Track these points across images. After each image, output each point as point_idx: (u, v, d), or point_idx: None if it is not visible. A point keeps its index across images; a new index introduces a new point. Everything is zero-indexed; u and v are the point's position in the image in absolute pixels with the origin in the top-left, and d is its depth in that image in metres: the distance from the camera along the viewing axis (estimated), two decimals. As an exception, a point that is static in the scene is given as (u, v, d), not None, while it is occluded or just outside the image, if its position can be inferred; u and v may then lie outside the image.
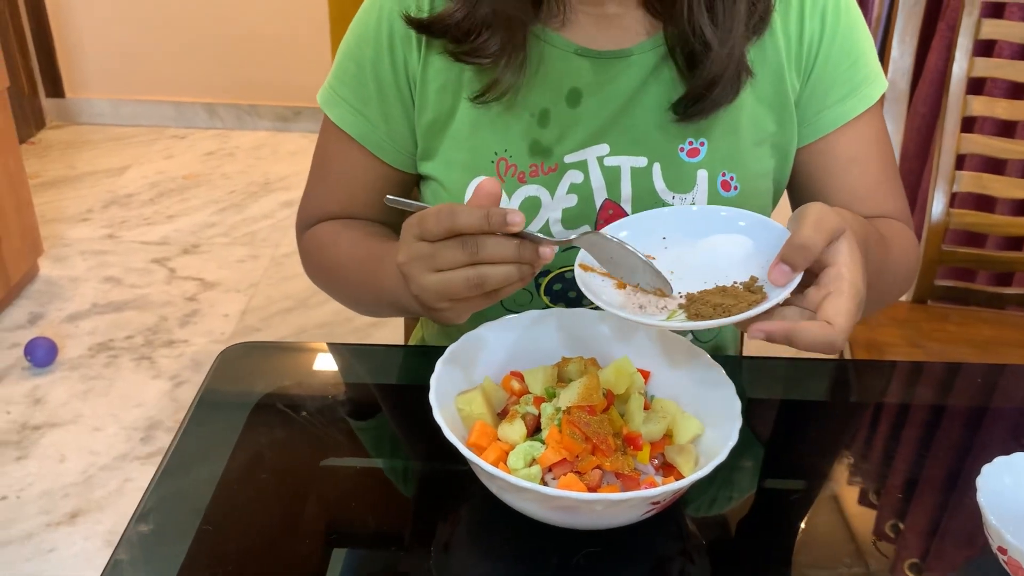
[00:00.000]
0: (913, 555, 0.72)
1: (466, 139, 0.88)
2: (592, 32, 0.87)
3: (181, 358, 2.26)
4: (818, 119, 0.91)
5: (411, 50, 0.88)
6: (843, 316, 0.65)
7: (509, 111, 0.87)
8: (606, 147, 0.88)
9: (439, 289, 0.69)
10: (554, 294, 0.92)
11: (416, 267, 0.70)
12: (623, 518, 0.67)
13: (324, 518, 0.74)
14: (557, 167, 0.87)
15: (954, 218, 1.53)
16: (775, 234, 0.71)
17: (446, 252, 0.67)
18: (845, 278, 0.66)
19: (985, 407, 0.90)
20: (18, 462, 1.92)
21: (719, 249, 0.74)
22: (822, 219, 0.67)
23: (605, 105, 0.87)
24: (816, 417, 0.89)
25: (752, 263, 0.72)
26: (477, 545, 0.72)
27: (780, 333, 0.66)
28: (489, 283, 0.67)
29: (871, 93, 0.91)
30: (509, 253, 0.67)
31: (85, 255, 2.69)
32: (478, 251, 0.67)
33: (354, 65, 0.90)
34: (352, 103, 0.91)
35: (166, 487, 0.75)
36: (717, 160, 0.88)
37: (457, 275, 0.68)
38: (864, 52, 0.91)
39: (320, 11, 3.17)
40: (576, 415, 0.69)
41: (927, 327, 1.50)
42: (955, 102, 1.49)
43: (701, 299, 0.70)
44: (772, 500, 0.77)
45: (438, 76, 0.88)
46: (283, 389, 0.89)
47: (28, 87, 3.38)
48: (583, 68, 0.87)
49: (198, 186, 3.12)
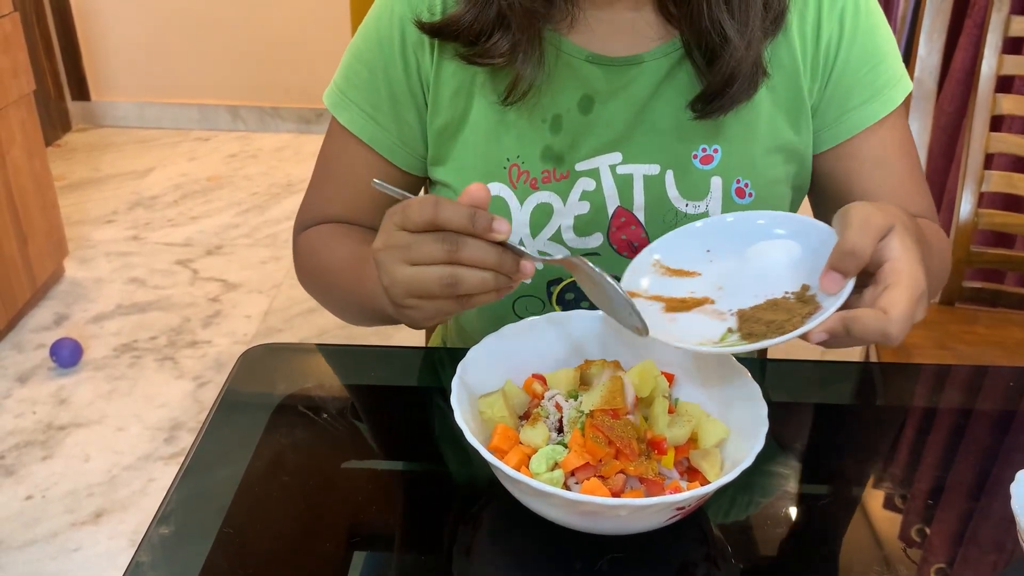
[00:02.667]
0: (941, 561, 0.71)
1: (478, 145, 0.87)
2: (603, 38, 0.86)
3: (204, 359, 2.27)
4: (839, 123, 0.89)
5: (424, 54, 0.87)
6: (899, 306, 0.63)
7: (522, 117, 0.86)
8: (619, 155, 0.87)
9: (410, 283, 0.67)
10: (566, 303, 0.91)
11: (390, 256, 0.67)
12: (647, 523, 0.67)
13: (345, 521, 0.73)
14: (569, 174, 0.87)
15: (983, 218, 1.50)
16: (822, 235, 0.69)
17: (424, 245, 0.65)
18: (902, 271, 0.65)
19: (1015, 411, 0.88)
20: (43, 462, 1.94)
21: (767, 257, 0.72)
22: (868, 219, 0.65)
23: (618, 113, 0.86)
24: (843, 421, 0.88)
25: (801, 269, 0.70)
26: (499, 549, 0.71)
27: (839, 324, 0.64)
28: (463, 286, 0.65)
29: (894, 96, 0.89)
30: (489, 259, 0.64)
31: (110, 256, 2.72)
32: (457, 250, 0.64)
33: (365, 69, 0.90)
34: (363, 107, 0.91)
35: (187, 489, 0.75)
36: (731, 167, 0.87)
37: (431, 271, 0.65)
38: (887, 54, 0.89)
39: (342, 14, 3.18)
40: (599, 418, 0.68)
41: (955, 329, 1.48)
42: (984, 100, 1.47)
43: (753, 316, 0.68)
44: (798, 505, 0.76)
45: (451, 80, 0.87)
46: (304, 391, 0.88)
47: (54, 90, 3.42)
48: (595, 75, 0.86)
49: (221, 188, 3.14)
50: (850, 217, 0.66)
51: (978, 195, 1.49)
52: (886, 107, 0.89)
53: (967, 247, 1.51)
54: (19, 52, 2.25)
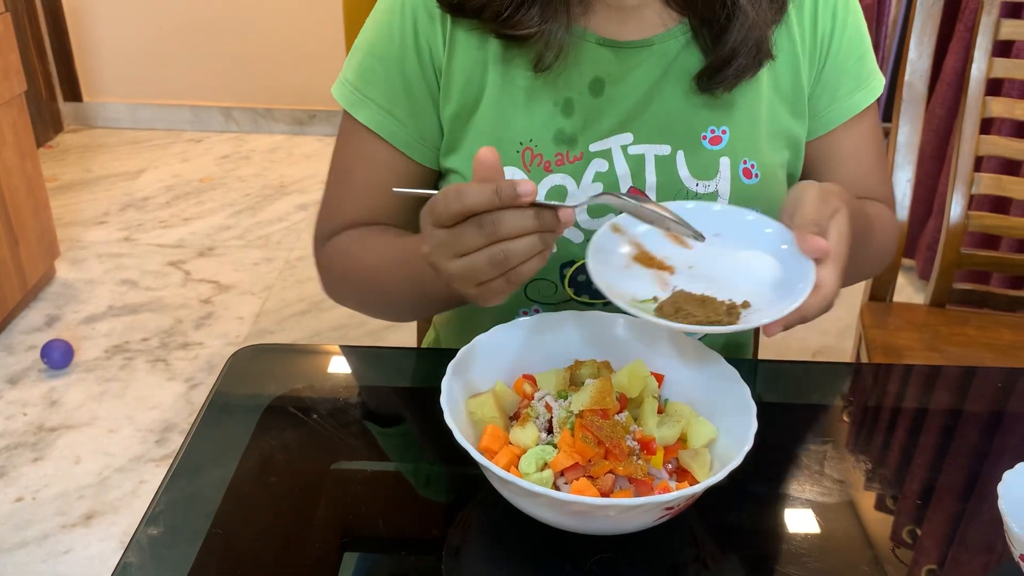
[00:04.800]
0: (931, 562, 0.71)
1: (491, 130, 0.88)
2: (613, 23, 0.87)
3: (196, 360, 2.27)
4: (829, 112, 0.93)
5: (436, 41, 0.87)
6: (832, 283, 0.70)
7: (534, 100, 0.86)
8: (630, 136, 0.88)
9: (465, 274, 0.67)
10: (578, 285, 0.91)
11: (439, 255, 0.68)
12: (636, 523, 0.67)
13: (335, 521, 0.73)
14: (582, 156, 0.87)
15: (973, 221, 1.51)
16: (803, 268, 0.71)
17: (465, 236, 0.66)
18: (836, 251, 0.71)
19: (1004, 412, 0.88)
20: (34, 463, 1.93)
21: (750, 264, 0.74)
22: (825, 198, 0.73)
23: (628, 94, 0.87)
24: (833, 421, 0.88)
25: (763, 291, 0.72)
26: (488, 549, 0.71)
27: (794, 318, 0.69)
28: (513, 258, 0.66)
29: (876, 86, 0.95)
30: (528, 224, 0.65)
31: (101, 258, 2.71)
32: (496, 229, 0.65)
33: (380, 64, 0.89)
34: (380, 103, 0.90)
35: (176, 490, 0.75)
36: (739, 148, 0.89)
37: (480, 256, 0.66)
38: (868, 46, 0.95)
39: (335, 15, 3.18)
40: (589, 419, 0.68)
41: (946, 331, 1.49)
42: (973, 103, 1.47)
43: (681, 299, 0.71)
44: (787, 505, 0.76)
45: (463, 66, 0.87)
46: (295, 392, 0.88)
47: (46, 91, 3.41)
48: (605, 58, 0.87)
49: (214, 189, 3.13)
50: (808, 194, 0.73)
51: (968, 198, 1.50)
52: (870, 96, 0.95)
53: (957, 249, 1.51)
54: (10, 53, 2.25)
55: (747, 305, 0.71)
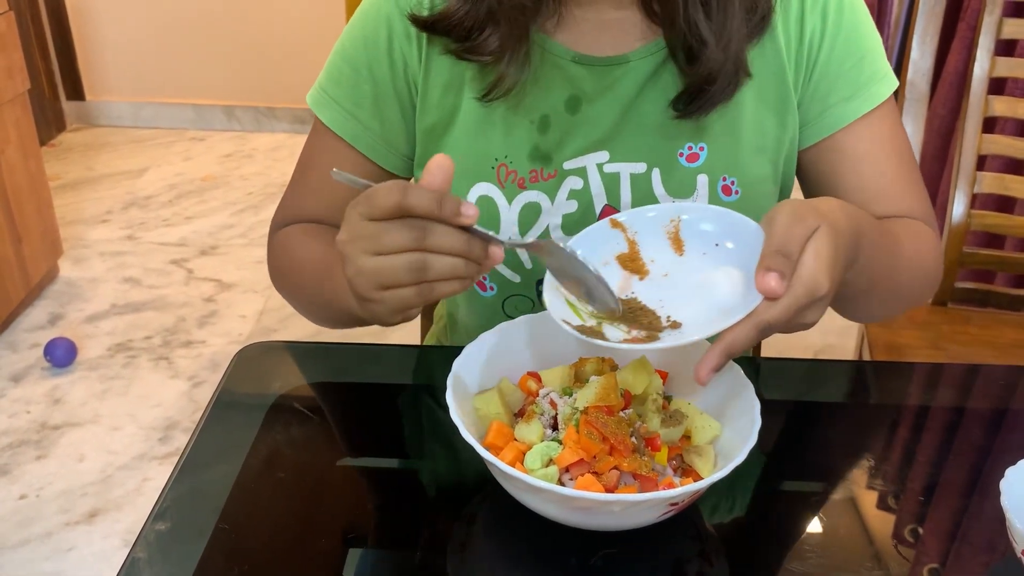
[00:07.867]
0: (933, 560, 0.71)
1: (466, 144, 0.88)
2: (589, 37, 0.86)
3: (199, 358, 2.27)
4: (822, 118, 0.89)
5: (412, 52, 0.87)
6: (773, 311, 0.63)
7: (510, 117, 0.86)
8: (606, 154, 0.87)
9: (376, 272, 0.65)
10: None
11: (356, 247, 0.65)
12: (641, 519, 0.67)
13: (340, 518, 0.74)
14: (556, 173, 0.87)
15: (975, 220, 1.51)
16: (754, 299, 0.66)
17: (390, 233, 0.63)
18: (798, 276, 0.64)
19: (1006, 410, 0.89)
20: (38, 461, 1.94)
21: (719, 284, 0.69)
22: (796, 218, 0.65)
23: (604, 112, 0.86)
24: (835, 419, 0.88)
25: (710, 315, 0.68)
26: (493, 545, 0.72)
27: (723, 350, 0.64)
28: (431, 271, 0.64)
29: (879, 91, 0.89)
30: (458, 245, 0.63)
31: (104, 256, 2.71)
32: (425, 237, 0.63)
33: (348, 67, 0.90)
34: (344, 105, 0.91)
35: (183, 486, 0.76)
36: (718, 164, 0.87)
37: (399, 259, 0.63)
38: (870, 50, 0.89)
39: (337, 14, 3.18)
40: (593, 415, 0.69)
41: (948, 330, 1.49)
42: (976, 102, 1.47)
43: (629, 308, 0.70)
44: (791, 502, 0.76)
45: (440, 79, 0.87)
46: (299, 389, 0.89)
47: (49, 90, 3.41)
48: (581, 76, 0.86)
49: (216, 188, 3.14)
50: (778, 217, 0.66)
51: (971, 196, 1.50)
52: (869, 103, 0.89)
53: (960, 248, 1.51)
54: (14, 51, 2.25)
55: (676, 325, 0.68)
